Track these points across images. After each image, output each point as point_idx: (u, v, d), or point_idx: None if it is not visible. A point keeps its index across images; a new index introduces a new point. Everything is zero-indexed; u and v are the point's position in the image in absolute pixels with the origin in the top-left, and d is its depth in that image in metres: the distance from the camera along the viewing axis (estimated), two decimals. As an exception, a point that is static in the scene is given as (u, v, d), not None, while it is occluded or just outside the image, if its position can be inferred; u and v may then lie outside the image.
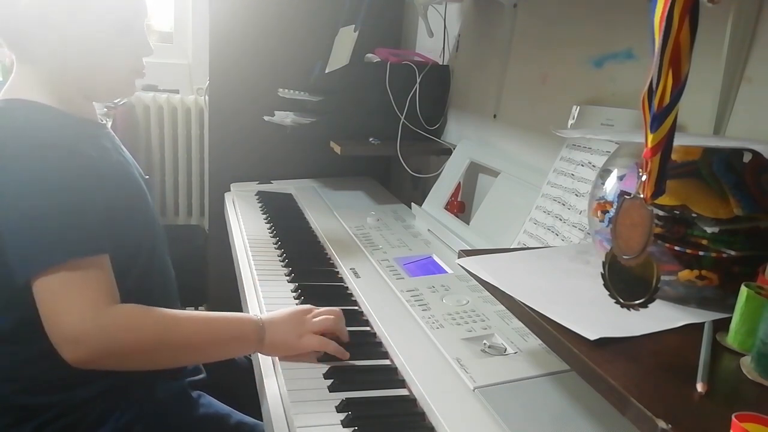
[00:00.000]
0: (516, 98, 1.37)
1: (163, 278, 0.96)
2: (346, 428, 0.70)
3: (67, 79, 0.85)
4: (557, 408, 0.71)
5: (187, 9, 2.67)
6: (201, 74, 2.48)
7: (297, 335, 0.85)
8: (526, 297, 0.62)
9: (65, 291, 0.73)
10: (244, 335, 0.84)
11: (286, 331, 0.86)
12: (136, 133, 2.49)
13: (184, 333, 0.81)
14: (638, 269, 0.50)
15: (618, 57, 1.03)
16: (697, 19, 0.44)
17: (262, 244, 1.32)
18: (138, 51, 0.89)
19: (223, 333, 0.84)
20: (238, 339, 0.84)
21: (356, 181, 1.89)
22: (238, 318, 0.86)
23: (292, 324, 0.86)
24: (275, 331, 0.85)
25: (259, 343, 0.84)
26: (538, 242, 1.02)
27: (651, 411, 0.44)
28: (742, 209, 0.59)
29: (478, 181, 1.49)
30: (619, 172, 0.69)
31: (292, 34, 1.76)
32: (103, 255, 0.77)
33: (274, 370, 0.84)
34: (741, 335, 0.54)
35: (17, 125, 0.78)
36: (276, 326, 0.86)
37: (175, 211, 2.65)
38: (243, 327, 0.85)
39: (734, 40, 0.78)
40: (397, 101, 1.60)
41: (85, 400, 0.83)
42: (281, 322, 0.87)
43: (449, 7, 1.62)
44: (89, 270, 0.75)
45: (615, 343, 0.54)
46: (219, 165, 1.83)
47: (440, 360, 0.82)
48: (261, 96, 1.77)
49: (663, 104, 0.46)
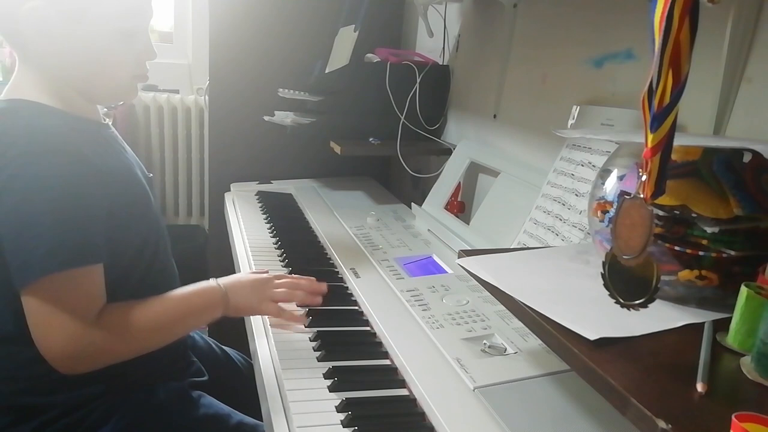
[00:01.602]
0: (516, 98, 1.37)
1: (167, 277, 0.96)
2: (346, 428, 0.70)
3: (68, 81, 0.84)
4: (557, 408, 0.71)
5: (187, 9, 2.67)
6: (201, 74, 2.49)
7: (257, 300, 0.94)
8: (526, 297, 0.62)
9: (55, 306, 0.74)
10: (213, 303, 0.90)
11: (247, 296, 0.93)
12: (136, 133, 2.49)
13: (164, 316, 0.86)
14: (638, 269, 0.50)
15: (618, 57, 1.03)
16: (697, 19, 0.44)
17: (262, 244, 1.32)
18: (141, 56, 0.88)
19: (195, 305, 0.90)
20: (208, 307, 0.91)
21: (356, 181, 1.89)
22: (203, 288, 0.91)
23: (253, 290, 0.94)
24: (237, 295, 0.92)
25: (225, 308, 0.91)
26: (538, 242, 1.02)
27: (651, 411, 0.44)
28: (742, 209, 0.59)
29: (478, 181, 1.49)
30: (619, 172, 0.69)
31: (292, 34, 1.76)
32: (98, 264, 0.78)
33: (274, 371, 0.84)
34: (741, 335, 0.54)
35: (21, 127, 0.77)
36: (237, 291, 0.93)
37: (175, 211, 2.65)
38: (210, 296, 0.91)
39: (734, 40, 0.78)
40: (397, 101, 1.60)
41: (86, 401, 0.83)
42: (242, 288, 0.94)
43: (449, 7, 1.62)
44: (81, 281, 0.76)
45: (615, 343, 0.54)
46: (219, 165, 1.83)
47: (440, 360, 0.82)
48: (261, 96, 1.76)
49: (663, 104, 0.46)
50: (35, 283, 0.73)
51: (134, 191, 0.89)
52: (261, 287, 0.95)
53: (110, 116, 1.98)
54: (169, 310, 0.87)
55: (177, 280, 0.98)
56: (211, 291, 0.91)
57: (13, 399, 0.81)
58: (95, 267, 0.77)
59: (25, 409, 0.81)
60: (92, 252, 0.76)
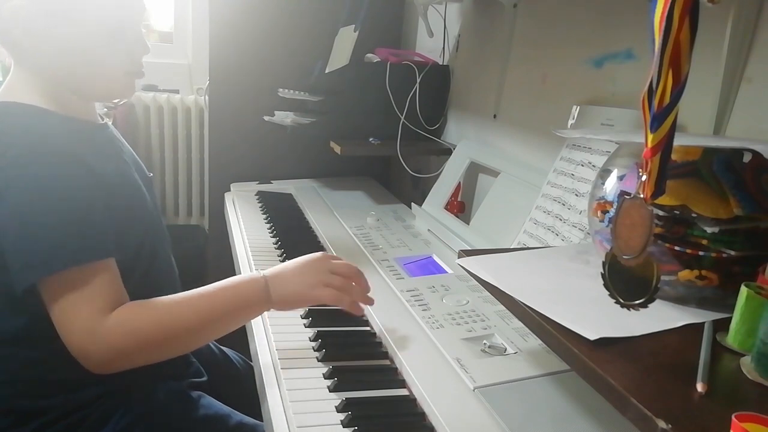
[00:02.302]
0: (516, 98, 1.37)
1: (167, 278, 0.95)
2: (346, 428, 0.70)
3: (61, 81, 0.83)
4: (557, 408, 0.71)
5: (187, 9, 2.67)
6: (201, 74, 2.49)
7: (309, 285, 0.84)
8: (526, 297, 0.62)
9: (67, 303, 0.73)
10: (249, 300, 0.82)
11: (297, 283, 0.84)
12: (136, 133, 2.49)
13: (187, 317, 0.79)
14: (638, 269, 0.50)
15: (618, 57, 1.03)
16: (697, 19, 0.44)
17: (262, 244, 1.32)
18: (134, 52, 0.86)
19: (227, 305, 0.81)
20: (245, 306, 0.82)
21: (356, 181, 1.89)
22: (239, 283, 0.83)
23: (304, 275, 0.85)
24: (284, 285, 0.83)
25: (267, 302, 0.83)
26: (538, 242, 1.02)
27: (651, 411, 0.44)
28: (742, 209, 0.59)
29: (478, 181, 1.49)
30: (619, 172, 0.69)
31: (292, 34, 1.76)
32: (108, 259, 0.77)
33: (274, 371, 0.84)
34: (741, 335, 0.54)
35: (16, 130, 0.77)
36: (283, 280, 0.84)
37: (175, 211, 2.65)
38: (246, 292, 0.82)
39: (734, 40, 0.78)
40: (397, 101, 1.60)
41: (86, 402, 0.83)
42: (291, 275, 0.85)
43: (449, 7, 1.62)
44: (91, 277, 0.74)
45: (615, 343, 0.54)
46: (219, 165, 1.83)
47: (440, 360, 0.82)
48: (261, 96, 1.77)
49: (663, 104, 0.46)
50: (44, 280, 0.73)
51: (128, 193, 0.88)
52: (313, 270, 0.85)
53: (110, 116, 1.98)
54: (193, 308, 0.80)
55: (178, 282, 0.98)
56: (248, 286, 0.83)
57: (12, 401, 0.81)
58: (105, 261, 0.76)
59: (23, 411, 0.81)
60: (98, 247, 0.76)
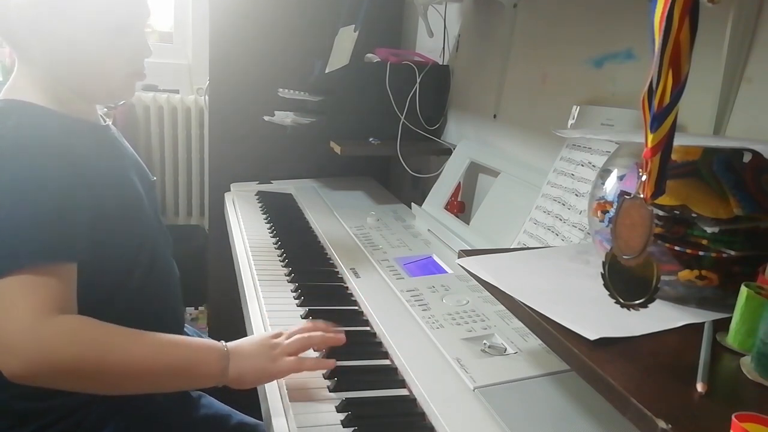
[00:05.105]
0: (516, 98, 1.37)
1: (167, 280, 0.95)
2: (346, 428, 0.70)
3: (63, 81, 0.83)
4: (557, 408, 0.71)
5: (187, 9, 2.67)
6: (201, 74, 2.49)
7: (270, 359, 0.79)
8: (526, 297, 0.62)
9: (10, 296, 0.69)
10: (202, 364, 0.76)
11: (256, 356, 0.79)
12: (136, 133, 2.49)
13: (132, 355, 0.72)
14: (638, 269, 0.50)
15: (618, 57, 1.03)
16: (697, 19, 0.44)
17: (262, 244, 1.32)
18: (136, 53, 0.86)
19: (178, 360, 0.75)
20: (195, 368, 0.76)
21: (356, 181, 1.89)
22: (200, 344, 0.78)
23: (263, 348, 0.80)
24: (243, 359, 0.78)
25: (222, 374, 0.76)
26: (538, 242, 1.02)
27: (651, 411, 0.44)
28: (742, 209, 0.59)
29: (478, 181, 1.49)
30: (619, 172, 0.69)
31: (292, 34, 1.76)
32: (70, 263, 0.74)
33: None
34: (741, 335, 0.54)
35: (8, 126, 0.76)
36: (243, 354, 0.78)
37: (175, 211, 2.65)
38: (203, 354, 0.77)
39: (734, 40, 0.78)
40: (397, 101, 1.60)
41: (85, 404, 0.83)
42: (250, 349, 0.80)
43: (449, 7, 1.62)
44: (44, 277, 0.70)
45: (615, 343, 0.54)
46: (219, 165, 1.83)
47: (440, 360, 0.82)
48: (261, 96, 1.76)
49: (663, 104, 0.46)
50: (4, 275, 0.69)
51: (125, 194, 0.87)
52: (269, 341, 0.81)
53: (110, 116, 1.98)
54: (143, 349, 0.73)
55: (178, 284, 0.98)
56: (209, 350, 0.77)
57: (10, 404, 0.81)
58: (65, 265, 0.73)
59: (22, 413, 0.81)
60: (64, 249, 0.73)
